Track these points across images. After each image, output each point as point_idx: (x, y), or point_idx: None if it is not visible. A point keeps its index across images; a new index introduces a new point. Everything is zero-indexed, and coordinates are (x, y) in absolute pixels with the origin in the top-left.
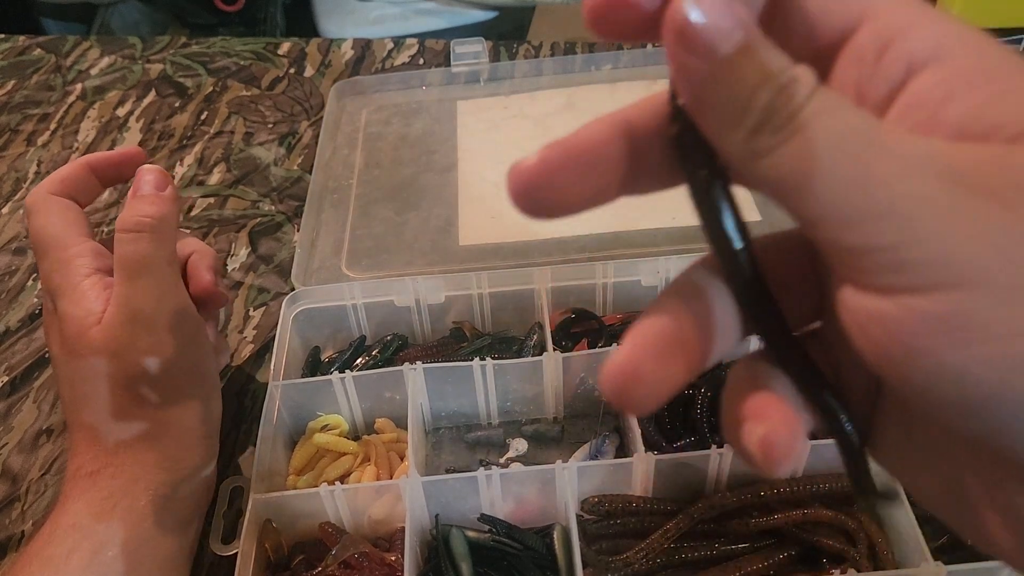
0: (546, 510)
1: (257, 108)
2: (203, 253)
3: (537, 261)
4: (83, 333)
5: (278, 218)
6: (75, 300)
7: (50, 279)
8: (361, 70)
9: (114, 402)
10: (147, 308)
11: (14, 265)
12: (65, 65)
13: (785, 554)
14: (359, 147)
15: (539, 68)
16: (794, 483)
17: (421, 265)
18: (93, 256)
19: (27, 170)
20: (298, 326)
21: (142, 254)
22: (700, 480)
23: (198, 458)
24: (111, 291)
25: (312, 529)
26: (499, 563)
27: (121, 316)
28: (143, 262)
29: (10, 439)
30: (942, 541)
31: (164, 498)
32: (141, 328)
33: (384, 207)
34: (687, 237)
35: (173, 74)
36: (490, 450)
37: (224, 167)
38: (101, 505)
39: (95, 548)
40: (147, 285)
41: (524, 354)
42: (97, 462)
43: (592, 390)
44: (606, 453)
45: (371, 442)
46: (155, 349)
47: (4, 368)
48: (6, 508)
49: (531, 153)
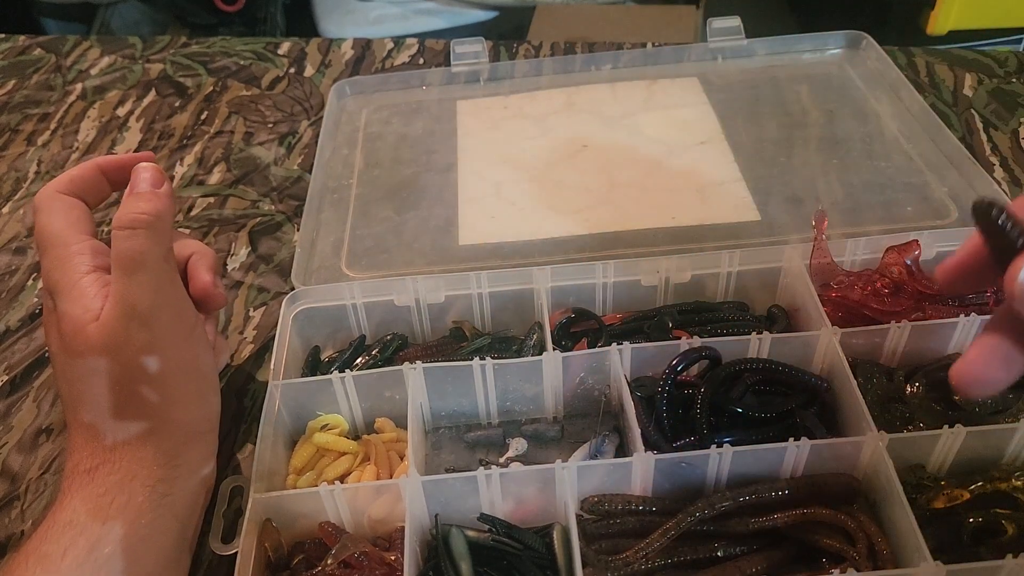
0: (546, 510)
1: (257, 108)
2: (203, 254)
3: (537, 261)
4: (81, 330)
5: (278, 218)
6: (73, 298)
7: (50, 276)
8: (361, 70)
9: (112, 399)
10: (144, 303)
11: (14, 265)
12: (65, 65)
13: (785, 554)
14: (359, 147)
15: (539, 68)
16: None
17: (421, 265)
18: (93, 254)
19: (27, 170)
20: (298, 326)
21: (138, 250)
22: (700, 480)
23: (196, 456)
24: (109, 289)
25: (312, 529)
26: (499, 563)
27: (118, 312)
28: (139, 258)
29: (10, 438)
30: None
31: (161, 495)
32: (138, 323)
33: (384, 207)
34: (687, 237)
35: (173, 74)
36: (490, 450)
37: (224, 167)
38: (97, 502)
39: (91, 546)
40: (144, 281)
41: (524, 354)
42: (95, 458)
43: (592, 390)
44: (606, 453)
45: (371, 442)
46: (152, 344)
47: (4, 367)
48: (5, 507)
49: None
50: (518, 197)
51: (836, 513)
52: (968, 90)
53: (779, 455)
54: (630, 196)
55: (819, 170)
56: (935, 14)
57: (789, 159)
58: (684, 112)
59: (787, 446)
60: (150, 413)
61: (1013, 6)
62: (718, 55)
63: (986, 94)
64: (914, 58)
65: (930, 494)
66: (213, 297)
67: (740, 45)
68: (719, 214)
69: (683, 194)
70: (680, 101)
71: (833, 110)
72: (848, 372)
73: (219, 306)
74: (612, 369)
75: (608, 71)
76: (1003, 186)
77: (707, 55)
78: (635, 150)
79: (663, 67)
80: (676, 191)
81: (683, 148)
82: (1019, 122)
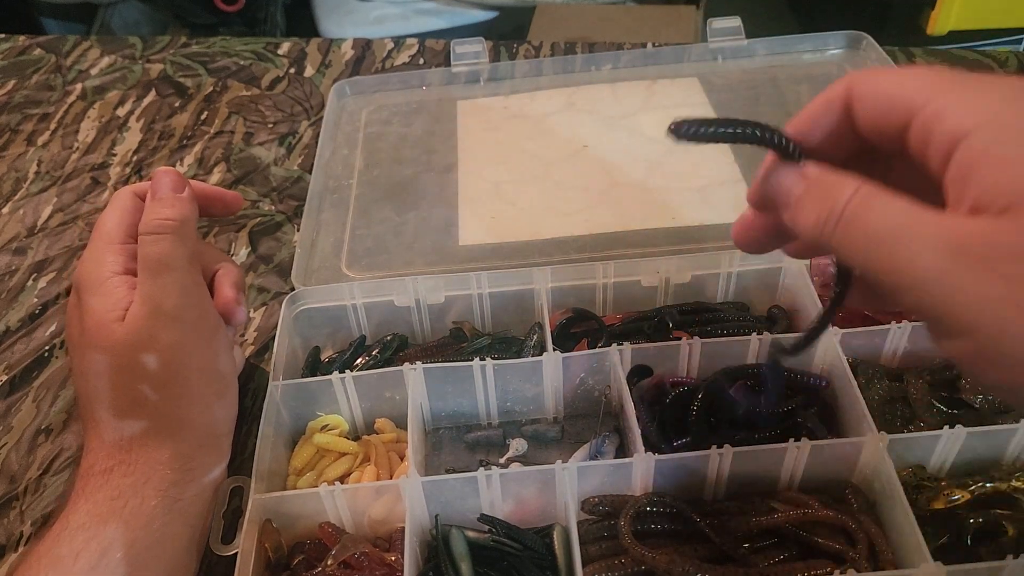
0: (546, 510)
1: (257, 108)
2: (229, 270)
3: (537, 261)
4: (105, 326)
5: (278, 218)
6: (101, 294)
7: (82, 268)
8: (361, 70)
9: (131, 396)
10: (169, 304)
11: (14, 265)
12: (65, 65)
13: (785, 554)
14: (359, 147)
15: (539, 68)
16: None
17: (421, 265)
18: (129, 257)
19: (27, 170)
20: (298, 326)
21: (164, 254)
22: (700, 480)
23: (210, 460)
24: (136, 291)
25: (312, 529)
26: (499, 563)
27: (145, 311)
28: (165, 261)
29: (9, 438)
30: (942, 541)
31: (173, 500)
32: (163, 322)
33: (384, 207)
34: (687, 237)
35: (173, 74)
36: (490, 450)
37: (224, 167)
38: (110, 505)
39: (102, 550)
40: (169, 282)
41: (524, 354)
42: (110, 460)
43: (592, 390)
44: (606, 453)
45: (371, 442)
46: (176, 344)
47: (3, 367)
48: (4, 507)
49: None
50: (518, 197)
51: (837, 513)
52: None
53: (779, 455)
54: (630, 196)
55: None
56: (935, 14)
57: None
58: (684, 112)
59: (787, 446)
60: (168, 413)
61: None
62: (718, 55)
63: None
64: (914, 58)
65: (930, 494)
66: (234, 313)
67: (740, 45)
68: (719, 214)
69: (683, 194)
70: (680, 101)
71: None
72: (848, 372)
73: (239, 322)
74: (612, 369)
75: (608, 71)
76: None
77: (707, 55)
78: (635, 150)
79: (663, 67)
80: (676, 191)
81: (683, 148)
82: None
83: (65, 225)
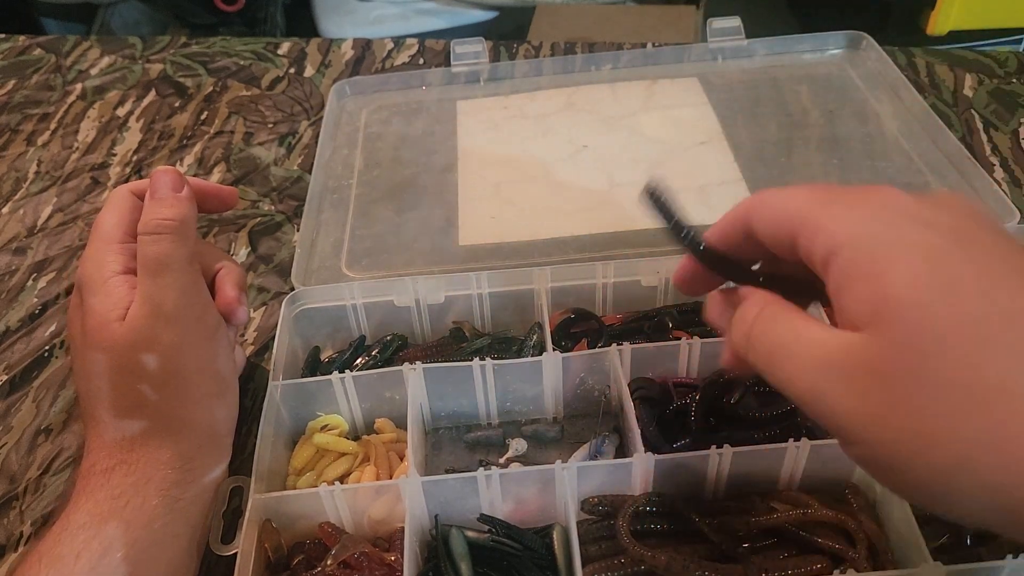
0: (546, 510)
1: (257, 108)
2: (231, 270)
3: (537, 261)
4: (106, 326)
5: (278, 218)
6: (103, 293)
7: (83, 268)
8: (361, 70)
9: (132, 396)
10: (169, 303)
11: (14, 265)
12: (65, 65)
13: (785, 554)
14: (359, 147)
15: (539, 68)
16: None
17: (421, 265)
18: (129, 257)
19: (27, 170)
20: (298, 326)
21: (164, 254)
22: (700, 480)
23: (211, 460)
24: (137, 291)
25: (312, 529)
26: (499, 563)
27: (145, 311)
28: (165, 261)
29: (9, 438)
30: (942, 541)
31: (174, 500)
32: (163, 322)
33: (384, 207)
34: None
35: (173, 74)
36: (490, 450)
37: (224, 167)
38: (112, 504)
39: (103, 549)
40: (169, 282)
41: (524, 354)
42: (111, 459)
43: (592, 390)
44: (606, 453)
45: (371, 442)
46: (176, 344)
47: (3, 367)
48: (4, 508)
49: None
50: (518, 197)
51: (837, 513)
52: (968, 90)
53: (779, 455)
54: (630, 196)
55: (819, 170)
56: (935, 14)
57: (789, 159)
58: (684, 112)
59: (787, 446)
60: (169, 412)
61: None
62: (718, 55)
63: (986, 94)
64: (914, 58)
65: None
66: (236, 313)
67: (740, 45)
68: (719, 214)
69: (683, 194)
70: (680, 101)
71: (833, 110)
72: None
73: (241, 322)
74: (612, 369)
75: (608, 71)
76: (1003, 186)
77: (707, 55)
78: (635, 150)
79: (663, 67)
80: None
81: (683, 148)
82: (1019, 122)
83: (65, 225)
